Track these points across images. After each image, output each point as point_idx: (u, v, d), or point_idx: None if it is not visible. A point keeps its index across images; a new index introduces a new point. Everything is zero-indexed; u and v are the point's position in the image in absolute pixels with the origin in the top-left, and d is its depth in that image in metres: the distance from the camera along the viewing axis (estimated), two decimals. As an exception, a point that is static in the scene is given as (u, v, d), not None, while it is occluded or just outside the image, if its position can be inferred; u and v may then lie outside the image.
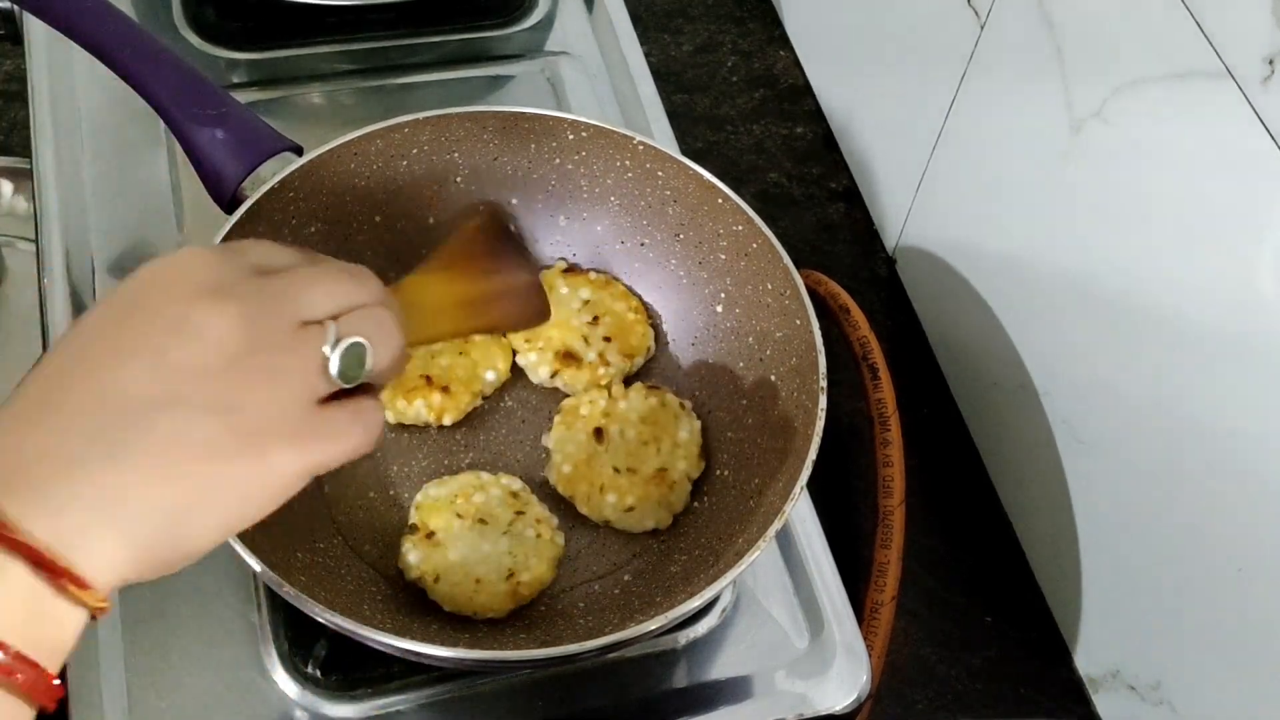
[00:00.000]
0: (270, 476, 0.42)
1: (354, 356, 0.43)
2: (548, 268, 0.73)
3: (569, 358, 0.70)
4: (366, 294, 0.45)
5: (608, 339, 0.70)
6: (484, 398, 0.70)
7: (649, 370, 0.72)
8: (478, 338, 0.70)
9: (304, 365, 0.42)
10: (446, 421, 0.68)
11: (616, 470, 0.66)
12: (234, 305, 0.41)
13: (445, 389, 0.68)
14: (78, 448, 0.39)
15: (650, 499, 0.66)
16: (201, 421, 0.40)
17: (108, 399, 0.40)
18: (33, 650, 0.37)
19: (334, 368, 0.42)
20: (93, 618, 0.40)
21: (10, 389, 0.42)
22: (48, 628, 0.38)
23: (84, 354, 0.41)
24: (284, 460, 0.42)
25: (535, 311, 0.62)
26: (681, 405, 0.69)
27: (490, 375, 0.69)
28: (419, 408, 0.68)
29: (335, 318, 0.43)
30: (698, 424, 0.69)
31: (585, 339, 0.70)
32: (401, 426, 0.69)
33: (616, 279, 0.73)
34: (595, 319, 0.71)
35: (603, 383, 0.69)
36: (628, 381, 0.70)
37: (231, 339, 0.40)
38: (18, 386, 0.41)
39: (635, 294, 0.73)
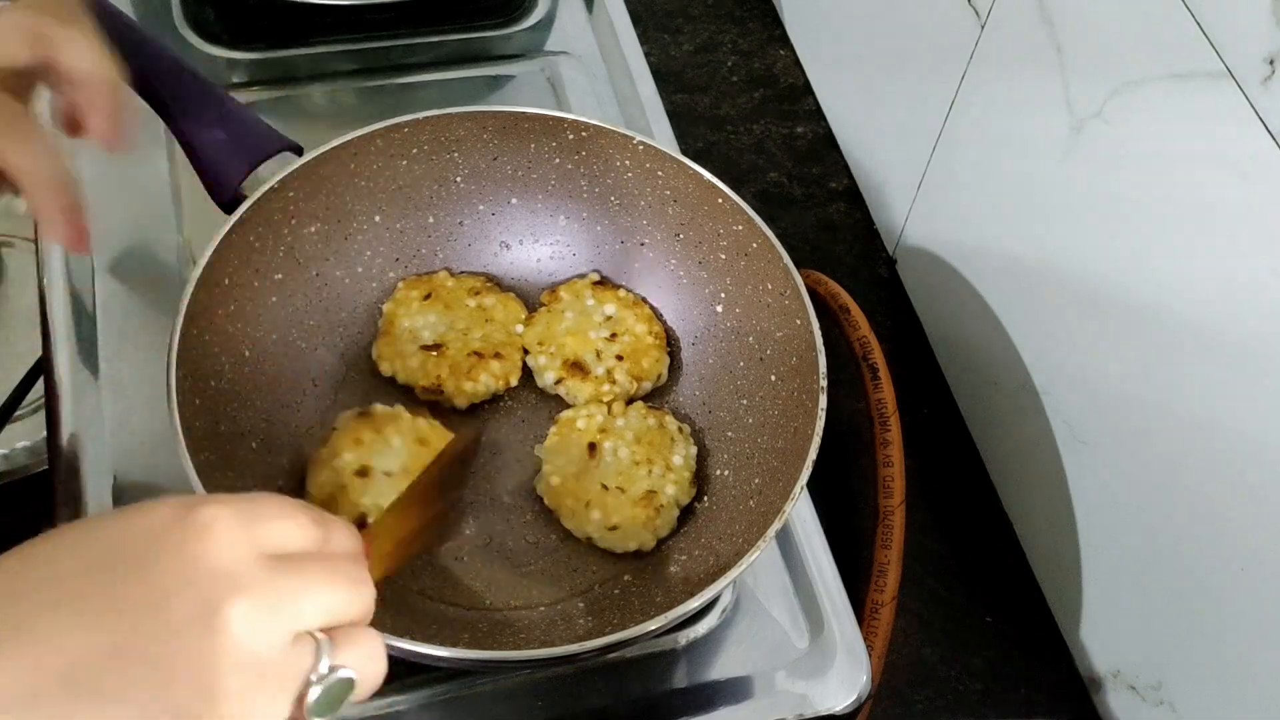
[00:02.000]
0: None
1: (338, 693, 0.39)
2: (581, 277, 0.73)
3: (577, 368, 0.69)
4: (360, 606, 0.41)
5: (620, 357, 0.70)
6: (493, 395, 0.70)
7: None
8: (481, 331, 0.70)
9: (285, 691, 0.38)
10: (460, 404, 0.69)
11: (605, 487, 0.66)
12: (239, 604, 0.37)
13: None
14: (29, 701, 0.35)
15: (635, 521, 0.65)
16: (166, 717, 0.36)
17: (75, 657, 0.36)
18: None
19: (312, 701, 0.38)
20: None
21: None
22: None
23: (55, 585, 0.37)
24: None
25: (445, 532, 0.60)
26: (680, 429, 0.68)
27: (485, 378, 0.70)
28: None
29: (326, 631, 0.39)
30: (694, 450, 0.68)
31: (598, 353, 0.70)
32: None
33: (645, 300, 0.72)
34: (613, 335, 0.70)
35: (605, 399, 0.69)
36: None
37: (227, 642, 0.37)
38: None
39: (662, 320, 0.72)
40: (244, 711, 0.37)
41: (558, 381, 0.70)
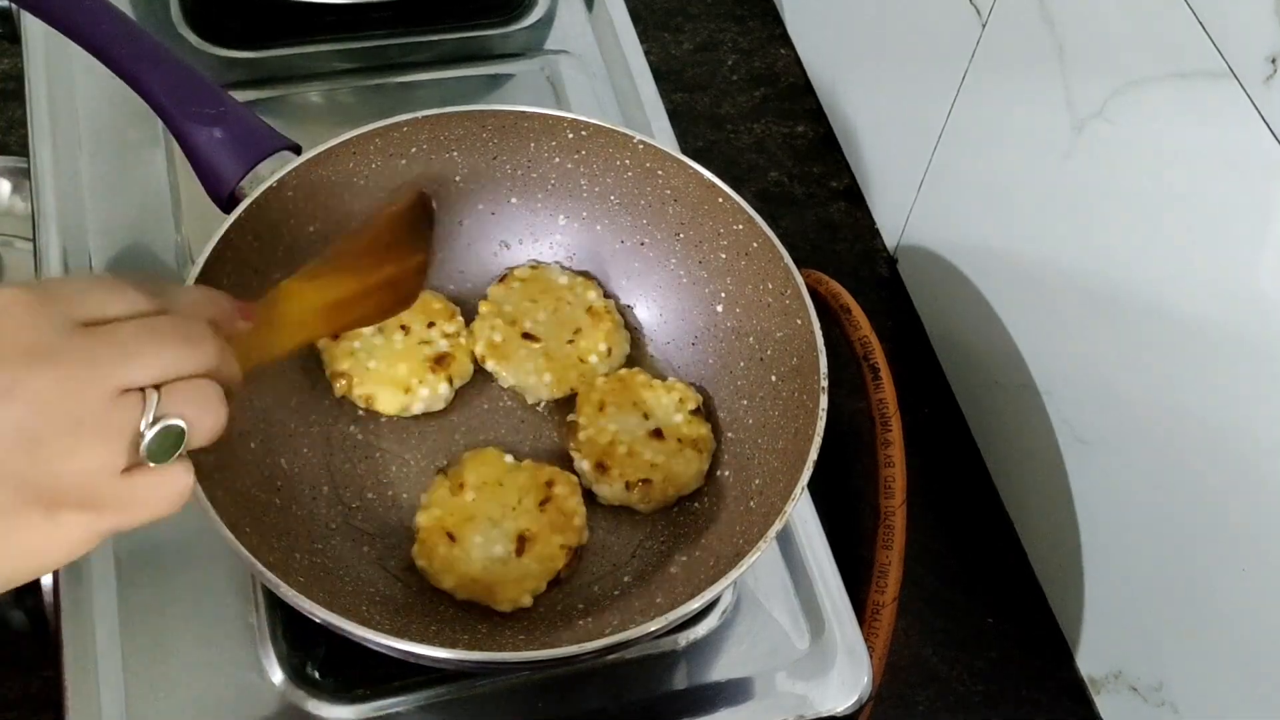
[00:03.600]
0: (58, 540, 0.41)
1: (169, 439, 0.42)
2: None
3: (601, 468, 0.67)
4: (198, 360, 0.43)
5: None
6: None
7: (648, 371, 0.71)
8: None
9: (115, 439, 0.41)
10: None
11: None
12: (51, 370, 0.39)
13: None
14: None
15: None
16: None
17: None
18: None
19: (144, 449, 0.41)
20: None
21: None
22: None
23: None
24: (76, 526, 0.41)
25: (404, 297, 0.60)
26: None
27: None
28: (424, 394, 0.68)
29: (158, 386, 0.42)
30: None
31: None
32: (399, 422, 0.69)
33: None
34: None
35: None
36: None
37: (44, 405, 0.39)
38: None
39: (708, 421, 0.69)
40: (76, 462, 0.40)
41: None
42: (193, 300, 0.47)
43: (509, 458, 0.66)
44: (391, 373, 0.68)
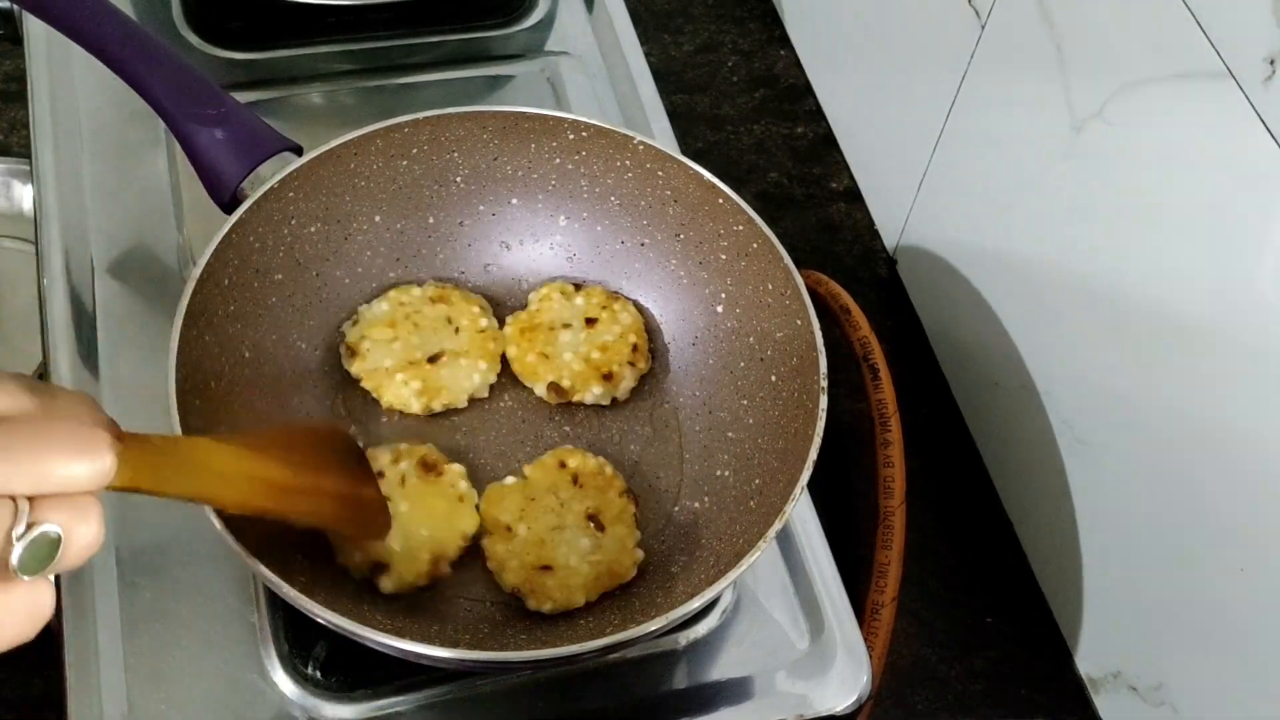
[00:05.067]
0: None
1: (42, 550, 0.37)
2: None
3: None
4: (84, 476, 0.39)
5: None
6: (474, 399, 0.70)
7: (649, 374, 0.71)
8: (468, 341, 0.70)
9: None
10: (437, 407, 0.68)
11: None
12: None
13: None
14: None
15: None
16: None
17: None
18: None
19: (15, 559, 0.37)
20: None
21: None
22: None
23: None
24: None
25: (368, 526, 0.60)
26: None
27: (475, 378, 0.69)
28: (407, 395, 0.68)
29: (32, 499, 0.37)
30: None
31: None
32: (398, 422, 0.69)
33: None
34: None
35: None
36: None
37: None
38: None
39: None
40: None
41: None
42: (74, 403, 0.41)
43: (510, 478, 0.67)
44: (396, 367, 0.68)
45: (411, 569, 0.61)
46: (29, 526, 0.37)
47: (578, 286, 0.72)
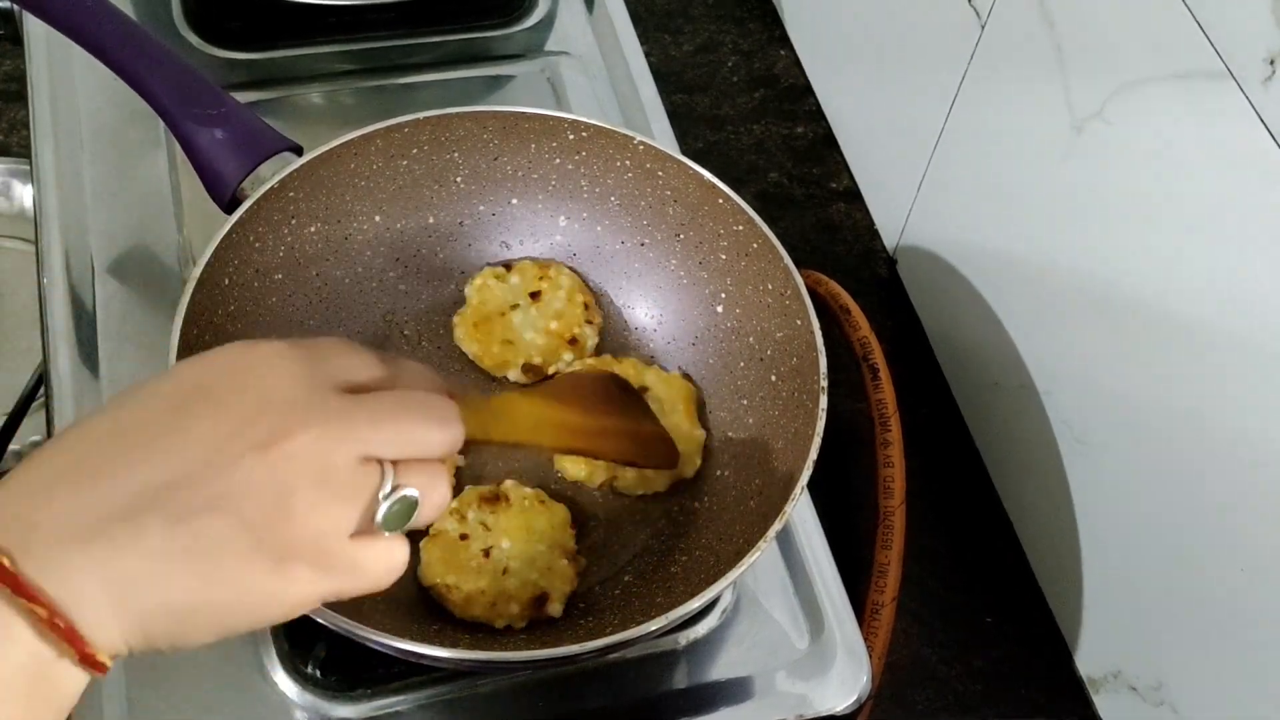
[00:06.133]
0: (287, 596, 0.41)
1: (403, 510, 0.42)
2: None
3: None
4: (442, 442, 0.44)
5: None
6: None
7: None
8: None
9: (354, 502, 0.41)
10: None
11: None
12: (307, 431, 0.40)
13: None
14: (105, 521, 0.38)
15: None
16: (243, 534, 0.39)
17: (155, 484, 0.39)
18: (34, 712, 0.38)
19: (380, 517, 0.42)
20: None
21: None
22: (50, 690, 0.38)
23: (141, 426, 0.40)
24: (305, 583, 0.41)
25: (663, 456, 0.65)
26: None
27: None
28: None
29: (395, 461, 0.42)
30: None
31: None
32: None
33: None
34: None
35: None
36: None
37: (298, 458, 0.40)
38: (58, 437, 0.41)
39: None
40: (317, 519, 0.40)
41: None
42: (418, 373, 0.47)
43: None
44: None
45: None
46: (394, 489, 0.42)
47: (508, 266, 0.72)
